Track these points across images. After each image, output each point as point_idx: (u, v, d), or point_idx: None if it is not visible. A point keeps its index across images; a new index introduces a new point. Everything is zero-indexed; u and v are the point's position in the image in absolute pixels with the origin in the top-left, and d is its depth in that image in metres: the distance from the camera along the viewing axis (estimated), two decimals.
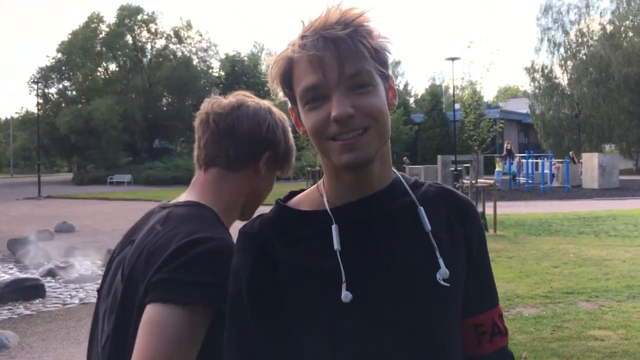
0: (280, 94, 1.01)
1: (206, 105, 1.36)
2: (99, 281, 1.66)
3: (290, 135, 1.38)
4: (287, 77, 0.97)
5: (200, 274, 1.09)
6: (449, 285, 0.97)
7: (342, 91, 0.92)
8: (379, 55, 0.96)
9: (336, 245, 0.96)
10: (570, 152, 27.67)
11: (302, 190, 1.10)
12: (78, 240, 12.19)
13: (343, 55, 0.91)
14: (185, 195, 1.35)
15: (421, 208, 1.01)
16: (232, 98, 1.35)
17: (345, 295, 0.93)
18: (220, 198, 1.30)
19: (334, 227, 0.98)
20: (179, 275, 1.09)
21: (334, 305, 0.94)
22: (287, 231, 1.01)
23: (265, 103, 1.36)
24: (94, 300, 6.44)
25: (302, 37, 0.94)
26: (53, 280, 8.19)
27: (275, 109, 1.37)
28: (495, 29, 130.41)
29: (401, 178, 1.06)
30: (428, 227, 0.99)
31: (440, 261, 0.97)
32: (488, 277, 1.10)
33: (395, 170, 1.08)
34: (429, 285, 0.97)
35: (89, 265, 9.53)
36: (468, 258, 1.05)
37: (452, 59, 22.08)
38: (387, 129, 0.97)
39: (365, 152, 0.94)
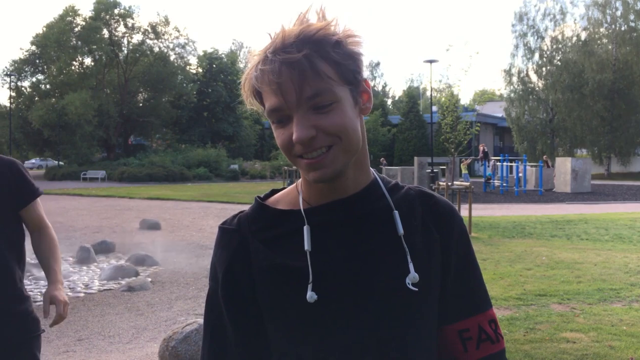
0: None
1: None
2: (72, 279, 2.14)
3: None
4: (257, 95, 0.99)
5: None
6: (417, 290, 0.97)
7: (302, 113, 0.93)
8: (344, 67, 0.94)
9: (307, 246, 0.98)
10: (544, 156, 28.07)
11: (283, 188, 1.13)
12: None
13: (299, 78, 0.91)
14: None
15: (396, 212, 1.01)
16: None
17: (310, 296, 0.95)
18: None
19: (305, 228, 0.99)
20: None
21: (300, 305, 0.96)
22: (263, 229, 1.03)
23: None
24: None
25: (264, 59, 0.94)
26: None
27: None
28: (473, 33, 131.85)
29: (379, 180, 1.06)
30: (401, 231, 1.00)
31: (411, 266, 0.97)
32: (473, 281, 1.08)
33: (374, 172, 1.08)
34: (397, 290, 0.98)
35: None
36: (445, 263, 1.04)
37: (430, 62, 22.27)
38: (354, 143, 0.97)
39: (331, 170, 0.96)
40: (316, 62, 0.91)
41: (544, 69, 43.52)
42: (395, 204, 1.03)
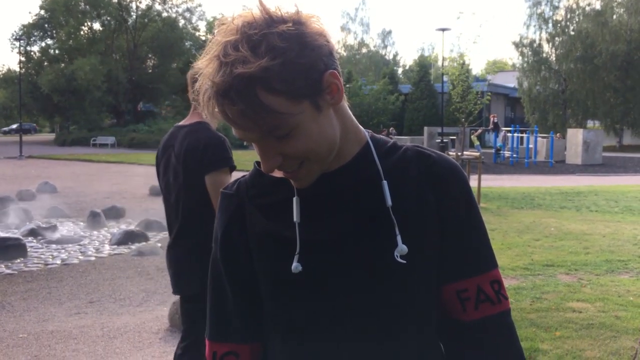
0: None
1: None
2: (82, 242, 2.53)
3: None
4: None
5: (219, 154, 2.46)
6: (405, 262, 0.96)
7: (263, 143, 0.93)
8: (293, 88, 0.89)
9: (296, 217, 1.00)
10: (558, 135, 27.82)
11: None
12: (60, 201, 12.08)
13: (252, 121, 0.89)
14: (188, 119, 2.59)
15: (384, 182, 1.00)
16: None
17: (295, 267, 0.97)
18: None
19: (295, 199, 1.00)
20: (212, 157, 2.44)
21: (288, 272, 0.98)
22: (259, 195, 1.06)
23: None
24: (76, 261, 6.48)
25: (208, 101, 0.89)
26: (34, 241, 8.13)
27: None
28: (487, 1, 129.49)
29: (371, 146, 1.04)
30: (389, 202, 0.98)
31: (398, 238, 0.97)
32: (473, 242, 1.05)
33: (368, 134, 1.07)
34: (385, 261, 0.97)
35: (71, 227, 9.46)
36: (443, 224, 1.02)
37: (443, 30, 21.96)
38: (324, 153, 0.96)
39: (308, 180, 0.98)
40: (262, 101, 0.87)
41: (556, 39, 42.78)
42: (387, 170, 1.02)
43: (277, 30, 0.88)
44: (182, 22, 49.98)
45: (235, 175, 1.82)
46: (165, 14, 49.10)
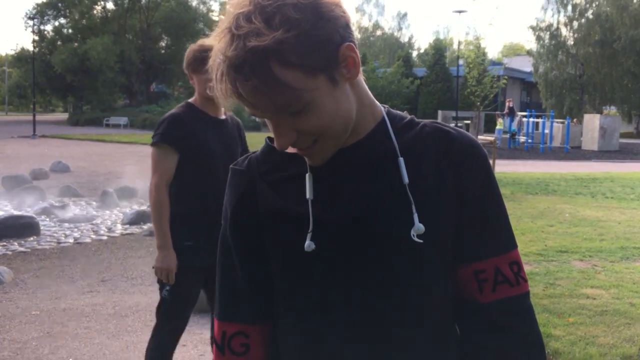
0: None
1: None
2: (94, 222, 3.01)
3: None
4: None
5: (155, 131, 2.70)
6: (422, 241, 0.93)
7: (277, 119, 0.90)
8: (309, 62, 0.85)
9: (308, 194, 0.96)
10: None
11: None
12: (73, 181, 12.16)
13: (265, 97, 0.85)
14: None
15: (401, 159, 0.96)
16: None
17: (308, 245, 0.94)
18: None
19: (307, 176, 0.97)
20: (155, 132, 2.70)
21: (298, 252, 0.95)
22: (270, 171, 1.02)
23: None
24: (89, 240, 6.49)
25: (221, 78, 0.86)
26: (48, 219, 8.18)
27: None
28: None
29: (388, 122, 1.01)
30: (406, 180, 0.95)
31: (415, 217, 0.93)
32: (491, 222, 1.02)
33: (384, 110, 1.03)
34: (401, 240, 0.94)
35: (83, 206, 9.52)
36: (461, 202, 0.99)
37: (460, 12, 21.70)
38: (338, 130, 0.93)
39: (322, 157, 0.95)
40: (276, 76, 0.84)
41: (575, 22, 42.07)
42: (404, 147, 0.98)
43: (292, 0, 0.84)
44: (195, 2, 49.79)
45: None
46: None
